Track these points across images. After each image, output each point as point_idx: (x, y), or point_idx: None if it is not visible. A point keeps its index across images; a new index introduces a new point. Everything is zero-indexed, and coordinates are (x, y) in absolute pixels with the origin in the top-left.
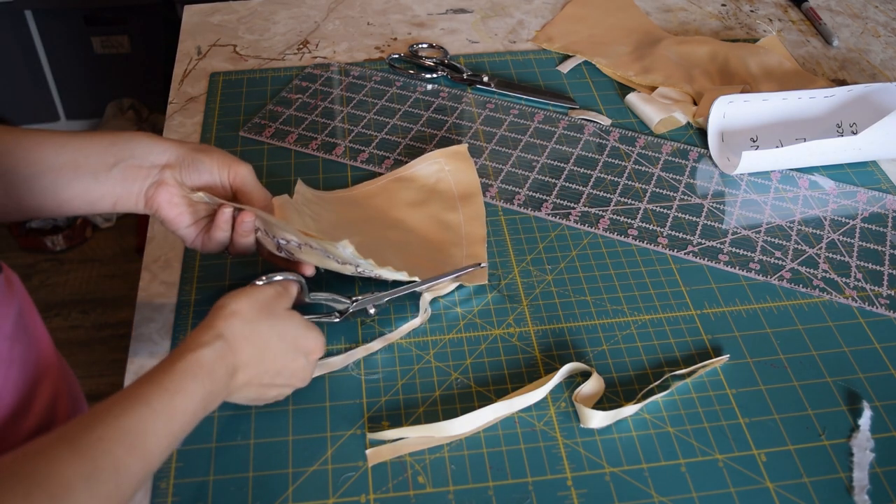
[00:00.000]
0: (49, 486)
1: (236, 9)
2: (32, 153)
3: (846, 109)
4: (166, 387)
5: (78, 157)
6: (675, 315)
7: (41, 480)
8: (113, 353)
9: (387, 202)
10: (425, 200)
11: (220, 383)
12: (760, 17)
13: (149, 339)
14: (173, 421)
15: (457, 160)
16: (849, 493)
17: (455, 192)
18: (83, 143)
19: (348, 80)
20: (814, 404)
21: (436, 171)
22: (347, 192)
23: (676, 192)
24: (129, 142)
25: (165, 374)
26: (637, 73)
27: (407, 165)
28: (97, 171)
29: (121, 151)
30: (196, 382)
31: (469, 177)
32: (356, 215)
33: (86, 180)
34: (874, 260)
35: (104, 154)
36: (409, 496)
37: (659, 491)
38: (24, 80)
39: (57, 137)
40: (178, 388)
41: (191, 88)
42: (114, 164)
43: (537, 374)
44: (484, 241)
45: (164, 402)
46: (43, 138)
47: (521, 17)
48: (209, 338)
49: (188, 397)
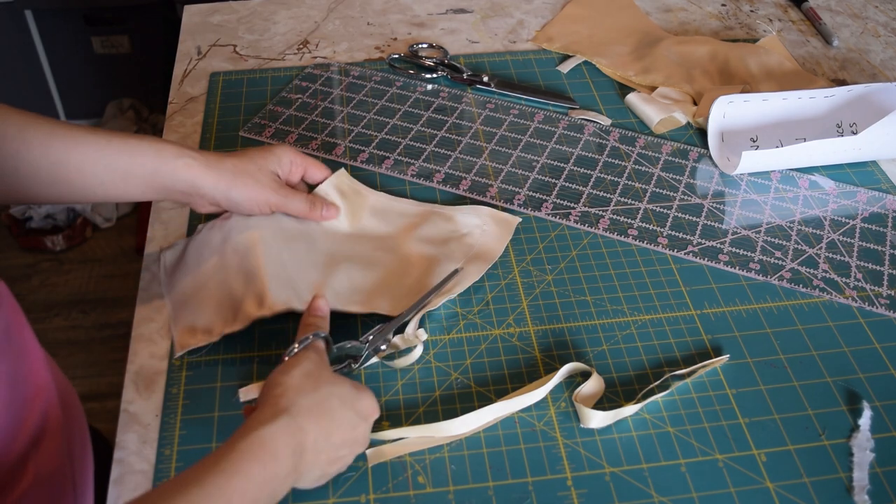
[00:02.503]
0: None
1: (236, 9)
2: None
3: (846, 109)
4: (223, 468)
5: (119, 184)
6: (675, 315)
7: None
8: (113, 353)
9: (409, 228)
10: (444, 243)
11: (285, 464)
12: (760, 17)
13: (149, 339)
14: (231, 502)
15: (500, 227)
16: (849, 493)
17: (475, 250)
18: (127, 170)
19: (348, 80)
20: (814, 404)
21: (475, 226)
22: (387, 202)
23: (676, 192)
24: (173, 174)
25: (223, 454)
26: (637, 73)
27: (455, 207)
28: (144, 195)
29: (164, 181)
30: (256, 463)
31: (497, 245)
32: (375, 226)
33: (127, 195)
34: (874, 260)
35: (147, 185)
36: (409, 496)
37: (659, 491)
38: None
39: (99, 152)
40: (235, 469)
41: (191, 88)
42: (160, 192)
43: (537, 374)
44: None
45: (218, 484)
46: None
47: (521, 17)
48: (271, 414)
49: (246, 479)
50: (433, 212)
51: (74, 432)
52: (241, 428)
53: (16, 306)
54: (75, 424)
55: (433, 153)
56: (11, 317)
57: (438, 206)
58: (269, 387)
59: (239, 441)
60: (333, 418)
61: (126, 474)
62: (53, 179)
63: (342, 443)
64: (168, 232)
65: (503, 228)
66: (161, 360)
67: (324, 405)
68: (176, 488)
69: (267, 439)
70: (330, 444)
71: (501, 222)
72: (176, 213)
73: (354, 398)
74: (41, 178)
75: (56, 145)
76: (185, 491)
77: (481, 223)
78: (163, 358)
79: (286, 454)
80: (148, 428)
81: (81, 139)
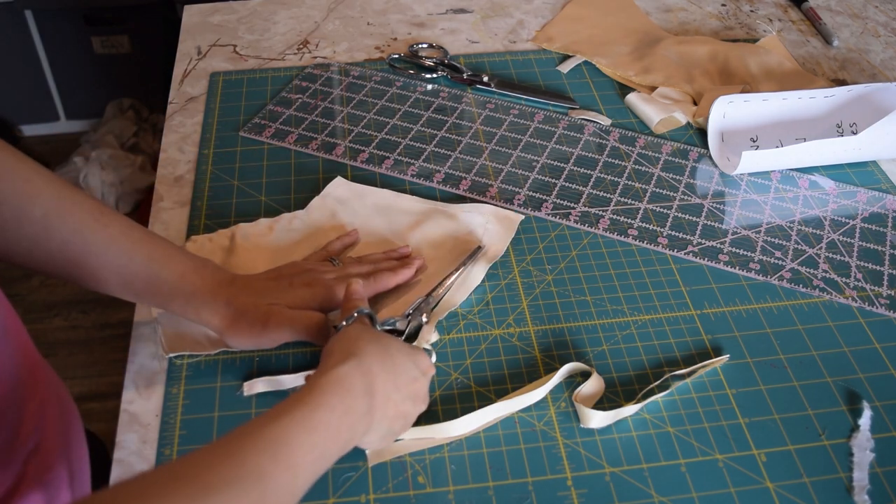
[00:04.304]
0: (190, 489)
1: (236, 9)
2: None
3: (846, 109)
4: (306, 401)
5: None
6: (675, 315)
7: (183, 484)
8: (113, 353)
9: (412, 227)
10: (447, 242)
11: (361, 402)
12: (760, 17)
13: (149, 339)
14: (315, 433)
15: (503, 225)
16: (849, 493)
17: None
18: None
19: (348, 80)
20: (814, 404)
21: (478, 224)
22: (391, 199)
23: (676, 192)
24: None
25: (305, 392)
26: (637, 73)
27: (459, 206)
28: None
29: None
30: (336, 397)
31: (500, 244)
32: (378, 225)
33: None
34: (874, 260)
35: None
36: (409, 496)
37: (659, 491)
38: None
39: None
40: (318, 402)
41: (191, 88)
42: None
43: (537, 374)
44: None
45: (304, 414)
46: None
47: (521, 17)
48: (341, 358)
49: (330, 411)
50: (436, 210)
51: (72, 433)
52: (315, 374)
53: (10, 307)
54: (72, 425)
55: (433, 153)
56: (7, 318)
57: (441, 204)
58: (331, 345)
59: (317, 380)
60: (396, 366)
61: (126, 474)
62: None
63: (406, 395)
64: (168, 232)
65: (506, 227)
66: (161, 360)
67: (387, 352)
68: (264, 420)
69: (343, 376)
70: (397, 393)
71: (504, 220)
72: (176, 213)
73: (413, 352)
74: (54, 259)
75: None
76: (275, 421)
77: (484, 221)
78: (163, 358)
79: (360, 392)
80: (148, 428)
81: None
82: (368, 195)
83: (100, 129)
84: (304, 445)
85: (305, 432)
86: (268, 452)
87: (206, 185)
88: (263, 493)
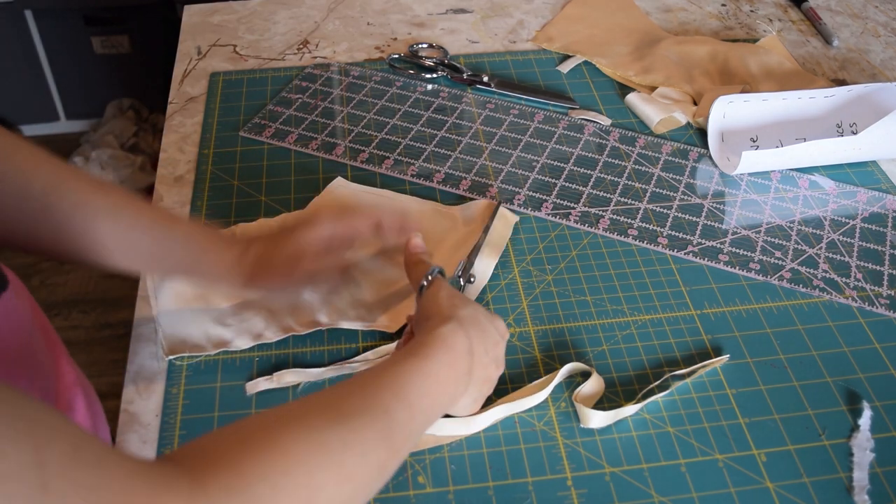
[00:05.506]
0: (329, 414)
1: (236, 9)
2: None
3: (846, 109)
4: (417, 353)
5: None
6: (675, 315)
7: (323, 410)
8: (113, 353)
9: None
10: (443, 244)
11: (463, 361)
12: (760, 17)
13: (149, 339)
14: (428, 380)
15: (500, 222)
16: (849, 493)
17: (473, 221)
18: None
19: (348, 80)
20: (814, 404)
21: (476, 217)
22: (391, 199)
23: (676, 192)
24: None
25: (412, 349)
26: (637, 73)
27: (460, 206)
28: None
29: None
30: (442, 352)
31: (500, 241)
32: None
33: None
34: (874, 260)
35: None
36: (409, 496)
37: (659, 491)
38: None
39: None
40: (427, 354)
41: (191, 88)
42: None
43: (537, 374)
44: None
45: (416, 364)
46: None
47: (521, 17)
48: (440, 321)
49: (437, 364)
50: (436, 210)
51: (98, 430)
52: (418, 336)
53: (41, 312)
54: (98, 422)
55: (433, 153)
56: (41, 321)
57: (442, 206)
58: (423, 309)
59: (423, 338)
60: (484, 330)
61: None
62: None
63: (492, 359)
64: None
65: (504, 223)
66: (161, 361)
67: (476, 317)
68: (386, 366)
69: (446, 335)
70: (486, 356)
71: (501, 218)
72: (176, 213)
73: (492, 315)
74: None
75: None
76: (391, 367)
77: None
78: (163, 358)
79: (463, 352)
80: (148, 428)
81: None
82: (368, 195)
83: (100, 129)
84: (419, 389)
85: (420, 378)
86: (391, 390)
87: (206, 185)
88: (388, 425)
